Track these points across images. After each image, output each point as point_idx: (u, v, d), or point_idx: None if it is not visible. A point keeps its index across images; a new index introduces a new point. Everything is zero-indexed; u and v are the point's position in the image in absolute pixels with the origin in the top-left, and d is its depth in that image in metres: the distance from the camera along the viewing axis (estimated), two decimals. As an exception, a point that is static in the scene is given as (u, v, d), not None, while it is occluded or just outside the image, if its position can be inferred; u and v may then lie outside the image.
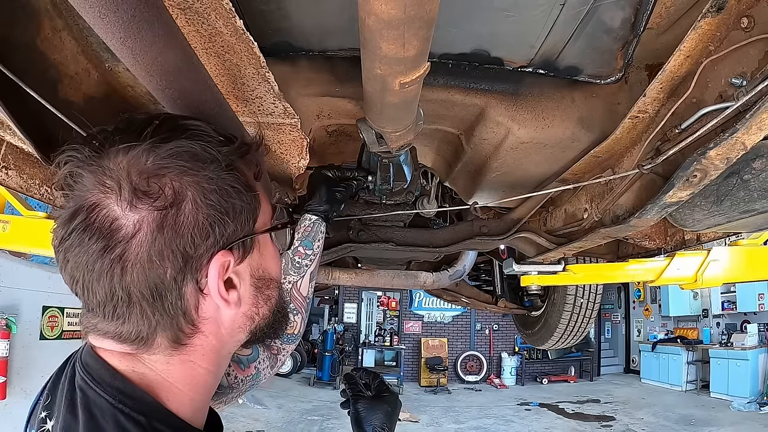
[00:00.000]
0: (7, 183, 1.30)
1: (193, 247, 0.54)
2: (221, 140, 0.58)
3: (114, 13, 0.54)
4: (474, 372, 13.46)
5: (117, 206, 0.52)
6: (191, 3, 0.74)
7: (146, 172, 0.52)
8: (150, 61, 0.63)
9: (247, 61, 0.87)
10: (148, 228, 0.52)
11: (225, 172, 0.56)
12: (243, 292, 0.61)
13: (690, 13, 0.95)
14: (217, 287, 0.56)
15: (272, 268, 0.66)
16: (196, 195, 0.54)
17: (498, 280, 3.65)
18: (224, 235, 0.56)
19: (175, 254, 0.53)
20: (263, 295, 0.65)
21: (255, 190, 0.61)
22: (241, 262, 0.60)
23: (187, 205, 0.54)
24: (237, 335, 0.64)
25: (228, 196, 0.56)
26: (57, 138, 0.81)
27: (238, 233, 0.58)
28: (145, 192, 0.52)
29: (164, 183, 0.53)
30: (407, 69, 0.72)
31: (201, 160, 0.55)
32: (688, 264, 1.85)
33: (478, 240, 1.98)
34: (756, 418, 8.65)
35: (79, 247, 0.52)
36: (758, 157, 0.99)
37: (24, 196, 1.72)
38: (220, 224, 0.55)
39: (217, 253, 0.56)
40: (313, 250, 1.25)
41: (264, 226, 0.63)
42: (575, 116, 1.18)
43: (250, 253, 0.61)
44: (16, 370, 4.67)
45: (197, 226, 0.54)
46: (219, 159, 0.56)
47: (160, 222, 0.52)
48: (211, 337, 0.59)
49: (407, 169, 1.47)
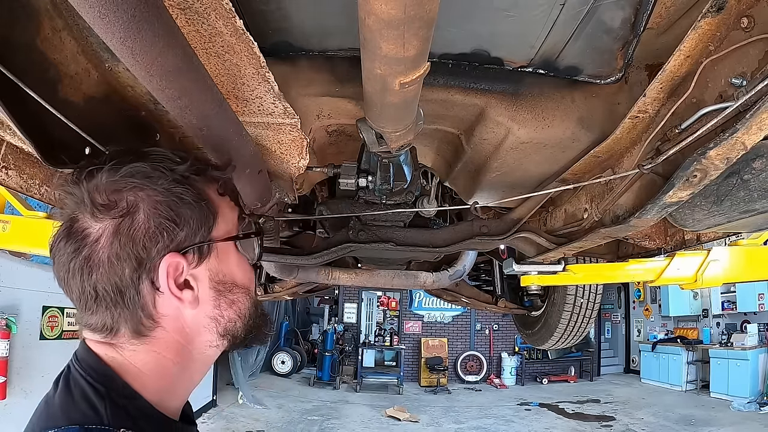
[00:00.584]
0: (7, 183, 1.30)
1: (146, 251, 0.64)
2: (177, 160, 0.68)
3: (114, 13, 0.54)
4: (474, 372, 13.46)
5: (86, 218, 0.63)
6: (191, 3, 0.74)
7: (105, 190, 0.64)
8: (150, 61, 0.63)
9: (247, 61, 0.87)
10: (107, 234, 0.63)
11: (175, 185, 0.66)
12: (202, 294, 0.69)
13: (690, 13, 0.95)
14: (167, 285, 0.65)
15: (236, 275, 0.74)
16: (147, 206, 0.64)
17: (498, 280, 3.65)
18: (174, 240, 0.66)
19: (130, 256, 0.63)
20: (226, 298, 0.72)
21: (209, 201, 0.70)
22: (197, 266, 0.69)
23: (139, 215, 0.64)
24: (203, 335, 0.71)
25: (176, 207, 0.66)
26: (57, 138, 0.81)
27: (191, 240, 0.67)
28: (104, 205, 0.63)
29: (121, 197, 0.64)
30: (407, 69, 0.72)
31: (153, 177, 0.65)
32: (688, 264, 1.86)
33: (478, 240, 1.98)
34: (756, 418, 8.65)
35: (60, 250, 0.64)
36: (758, 157, 0.99)
37: (24, 196, 1.72)
38: (168, 231, 0.65)
39: (166, 255, 0.65)
40: None
41: (225, 236, 0.72)
42: (575, 116, 1.18)
43: (207, 258, 0.70)
44: (16, 370, 4.67)
45: (148, 233, 0.64)
46: (170, 176, 0.66)
47: (116, 229, 0.63)
48: (173, 332, 0.68)
49: (407, 169, 1.47)
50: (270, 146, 1.18)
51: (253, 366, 10.97)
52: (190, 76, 0.72)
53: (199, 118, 0.82)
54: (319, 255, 2.05)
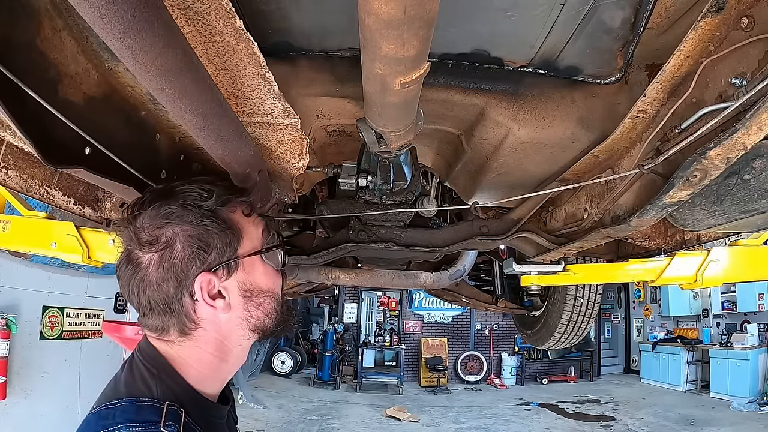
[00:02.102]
0: (7, 183, 1.30)
1: (184, 273, 0.82)
2: (204, 196, 0.85)
3: (114, 13, 0.54)
4: (474, 372, 13.46)
5: (138, 250, 0.83)
6: (191, 3, 0.74)
7: (147, 228, 0.83)
8: (150, 61, 0.63)
9: (247, 61, 0.87)
10: (154, 262, 0.82)
11: (203, 220, 0.83)
12: (233, 301, 0.87)
13: (690, 13, 0.95)
14: (202, 297, 0.83)
15: (261, 282, 0.90)
16: (182, 239, 0.82)
17: (498, 280, 3.65)
18: (205, 262, 0.83)
19: (172, 278, 0.82)
20: (253, 302, 0.89)
21: (233, 225, 0.87)
22: (227, 278, 0.86)
23: (176, 246, 0.82)
24: (237, 331, 0.89)
25: (205, 237, 0.83)
26: (57, 138, 0.81)
27: (219, 259, 0.84)
28: (148, 241, 0.82)
29: (161, 233, 0.82)
30: (407, 69, 0.72)
31: (184, 215, 0.83)
32: (688, 264, 1.85)
33: (478, 240, 1.98)
34: (756, 418, 8.65)
35: (123, 273, 0.85)
36: (758, 157, 0.99)
37: (24, 196, 1.72)
38: (200, 257, 0.83)
39: (199, 275, 0.83)
40: None
41: (250, 251, 0.89)
42: (575, 116, 1.17)
43: (235, 272, 0.87)
44: (16, 370, 4.67)
45: (184, 259, 0.82)
46: (198, 212, 0.83)
47: (160, 258, 0.82)
48: (212, 332, 0.86)
49: (407, 169, 1.47)
50: (270, 146, 1.18)
51: (253, 366, 10.97)
52: (190, 76, 0.72)
53: (199, 118, 0.82)
54: (319, 255, 2.05)
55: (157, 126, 1.16)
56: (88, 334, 5.76)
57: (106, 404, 0.76)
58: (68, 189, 1.55)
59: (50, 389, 5.01)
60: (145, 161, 1.08)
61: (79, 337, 5.64)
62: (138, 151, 1.07)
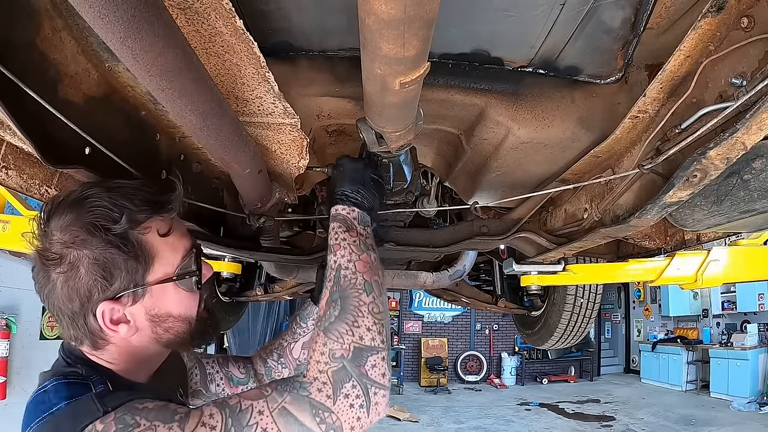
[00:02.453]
0: (7, 183, 1.30)
1: (87, 296, 0.81)
2: (115, 216, 0.81)
3: (114, 13, 0.54)
4: (474, 372, 13.46)
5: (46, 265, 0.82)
6: (191, 3, 0.74)
7: (55, 244, 0.81)
8: (150, 61, 0.63)
9: (247, 61, 0.87)
10: (60, 281, 0.81)
11: (109, 247, 0.80)
12: (139, 324, 0.86)
13: (690, 13, 0.95)
14: (103, 323, 0.83)
15: (172, 308, 0.89)
16: (85, 264, 0.80)
17: (498, 280, 3.65)
18: (107, 290, 0.81)
19: (75, 299, 0.81)
20: (162, 326, 0.88)
21: (144, 249, 0.84)
22: (133, 304, 0.85)
23: (80, 270, 0.80)
24: (150, 347, 0.90)
25: (108, 265, 0.81)
26: (57, 138, 0.81)
27: (124, 287, 0.82)
28: (54, 260, 0.80)
29: (66, 253, 0.80)
30: (407, 69, 0.72)
31: (90, 239, 0.80)
32: (688, 264, 1.86)
33: (478, 240, 1.98)
34: (756, 418, 8.65)
35: (36, 278, 0.84)
36: (758, 157, 0.99)
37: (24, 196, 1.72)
38: (102, 285, 0.81)
39: (101, 302, 0.82)
40: (308, 326, 1.43)
41: (161, 278, 0.86)
42: (575, 116, 1.17)
43: (141, 298, 0.85)
44: (16, 370, 4.67)
45: (87, 285, 0.80)
46: (105, 237, 0.80)
47: (66, 279, 0.81)
48: (122, 347, 0.87)
49: (407, 169, 1.46)
50: (270, 146, 1.18)
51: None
52: (190, 76, 0.72)
53: (199, 118, 0.82)
54: (319, 255, 2.05)
55: (157, 126, 1.16)
56: (88, 334, 5.76)
57: (39, 390, 0.81)
58: (68, 189, 1.55)
59: (50, 389, 5.00)
60: (145, 161, 1.08)
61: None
62: (138, 151, 1.07)
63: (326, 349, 0.80)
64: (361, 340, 0.81)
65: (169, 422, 0.72)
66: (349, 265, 0.91)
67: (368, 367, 0.80)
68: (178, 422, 0.72)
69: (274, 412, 0.75)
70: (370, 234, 1.02)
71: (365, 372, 0.79)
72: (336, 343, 0.81)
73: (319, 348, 0.81)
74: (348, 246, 0.94)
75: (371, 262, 0.94)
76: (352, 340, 0.81)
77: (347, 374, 0.78)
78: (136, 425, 0.71)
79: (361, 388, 0.78)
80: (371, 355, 0.81)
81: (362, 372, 0.79)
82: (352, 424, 0.77)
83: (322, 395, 0.77)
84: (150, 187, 0.88)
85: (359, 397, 0.78)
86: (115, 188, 0.84)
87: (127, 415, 0.72)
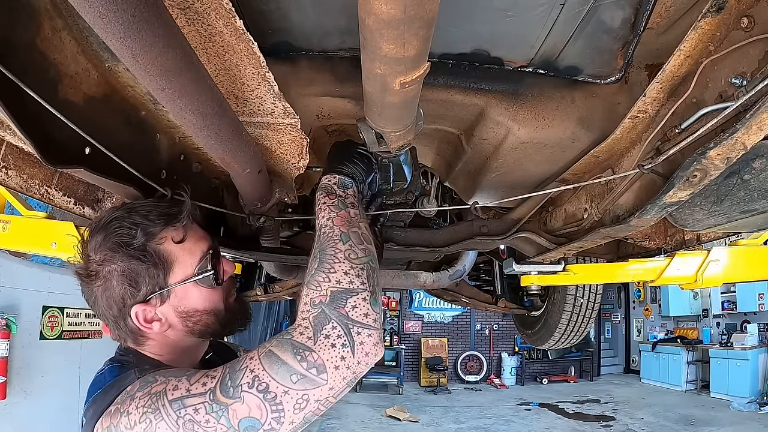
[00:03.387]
0: (7, 183, 1.30)
1: (122, 302, 0.96)
2: (132, 233, 0.94)
3: (114, 13, 0.54)
4: (474, 372, 13.46)
5: (88, 282, 0.98)
6: (191, 3, 0.74)
7: (92, 263, 0.97)
8: (150, 61, 0.63)
9: (247, 61, 0.87)
10: (99, 292, 0.97)
11: (130, 260, 0.94)
12: (171, 321, 1.00)
13: (690, 13, 0.95)
14: (138, 324, 0.97)
15: (197, 304, 1.01)
16: (115, 277, 0.95)
17: (498, 280, 3.65)
18: (137, 296, 0.96)
19: (113, 306, 0.97)
20: (191, 320, 1.01)
21: (162, 257, 0.97)
22: (162, 304, 0.98)
23: (112, 282, 0.95)
24: (185, 339, 1.04)
25: (133, 275, 0.95)
26: (57, 138, 0.81)
27: (151, 291, 0.96)
28: (90, 276, 0.97)
29: (99, 269, 0.96)
30: (407, 69, 0.72)
31: (114, 256, 0.95)
32: (688, 264, 1.85)
33: (478, 240, 1.97)
34: (756, 418, 8.65)
35: (83, 290, 1.01)
36: (758, 157, 0.99)
37: (24, 196, 1.72)
38: (131, 292, 0.95)
39: (134, 306, 0.96)
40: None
41: (182, 279, 0.99)
42: (575, 116, 1.17)
43: (168, 298, 0.98)
44: (16, 370, 4.66)
45: (120, 293, 0.96)
46: (126, 251, 0.94)
47: (103, 290, 0.96)
48: (161, 341, 1.01)
49: (407, 169, 1.47)
50: (270, 146, 1.18)
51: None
52: (190, 76, 0.72)
53: (199, 118, 0.82)
54: (319, 255, 2.04)
55: (157, 126, 1.16)
56: (88, 334, 5.75)
57: (98, 373, 0.97)
58: (68, 189, 1.55)
59: (50, 389, 5.00)
60: (145, 161, 1.08)
61: (79, 337, 5.63)
62: (138, 151, 1.07)
63: (308, 299, 0.85)
64: (339, 284, 0.86)
65: (179, 376, 0.85)
66: (327, 222, 0.98)
67: (348, 308, 0.83)
68: (187, 376, 0.84)
69: (261, 355, 0.82)
70: (349, 194, 1.08)
71: (345, 313, 0.83)
72: (315, 291, 0.86)
73: (302, 299, 0.87)
74: (327, 207, 1.02)
75: (349, 216, 0.99)
76: (329, 285, 0.85)
77: (326, 317, 0.82)
78: (154, 381, 0.85)
79: (342, 328, 0.81)
80: (350, 296, 0.85)
81: (341, 313, 0.83)
82: (336, 363, 0.79)
83: (303, 337, 0.81)
84: (163, 202, 1.03)
85: (340, 336, 0.81)
86: (134, 208, 0.98)
87: (149, 376, 0.88)
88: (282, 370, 0.79)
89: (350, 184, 1.12)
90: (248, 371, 0.80)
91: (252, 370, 0.80)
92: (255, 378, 0.79)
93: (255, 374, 0.79)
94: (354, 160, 1.17)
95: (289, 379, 0.78)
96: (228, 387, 0.79)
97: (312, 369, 0.79)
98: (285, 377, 0.79)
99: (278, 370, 0.79)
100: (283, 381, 0.78)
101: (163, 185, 1.10)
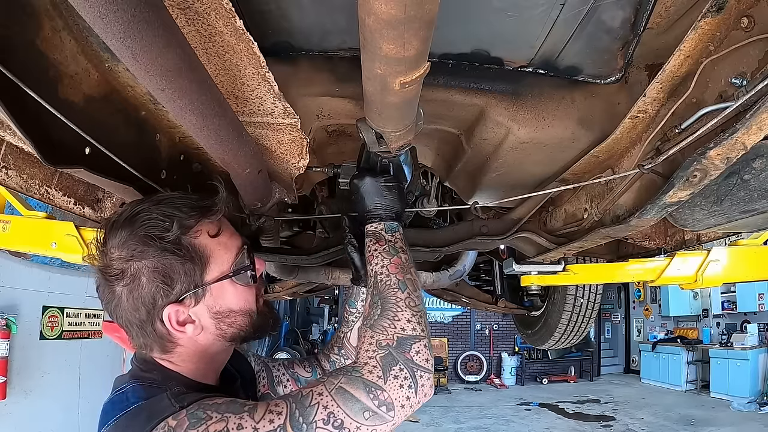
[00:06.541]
0: (7, 183, 1.30)
1: (152, 304, 0.87)
2: (166, 225, 0.86)
3: (114, 13, 0.54)
4: (474, 372, 13.46)
5: (111, 281, 0.88)
6: (191, 3, 0.74)
7: (115, 261, 0.87)
8: (150, 61, 0.63)
9: (247, 61, 0.87)
10: (125, 293, 0.87)
11: (165, 254, 0.86)
12: (204, 323, 0.92)
13: (690, 13, 0.95)
14: (171, 326, 0.88)
15: (232, 303, 0.94)
16: (146, 274, 0.86)
17: (498, 280, 3.65)
18: (170, 295, 0.87)
19: (141, 308, 0.87)
20: (224, 322, 0.94)
21: (198, 251, 0.89)
22: (195, 305, 0.90)
23: (142, 280, 0.86)
24: (215, 344, 0.96)
25: (167, 271, 0.86)
26: (57, 138, 0.81)
27: (185, 289, 0.88)
28: (116, 275, 0.87)
29: (127, 267, 0.86)
30: (407, 69, 0.72)
31: (146, 249, 0.85)
32: (688, 264, 1.85)
33: (478, 240, 1.97)
34: (756, 418, 8.65)
35: (101, 295, 0.91)
36: (758, 157, 0.99)
37: (24, 196, 1.72)
38: (164, 290, 0.86)
39: (166, 306, 0.87)
40: (358, 309, 1.43)
41: (218, 276, 0.92)
42: (575, 116, 1.17)
43: (202, 298, 0.91)
44: (16, 370, 4.67)
45: (150, 293, 0.86)
46: (160, 245, 0.85)
47: (129, 291, 0.87)
48: (190, 348, 0.93)
49: (407, 169, 1.46)
50: (270, 146, 1.18)
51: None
52: (189, 76, 0.72)
53: (199, 118, 0.82)
54: (319, 255, 2.05)
55: (157, 126, 1.16)
56: (88, 334, 5.76)
57: (117, 392, 0.87)
58: (68, 189, 1.55)
59: (50, 389, 5.01)
60: (145, 161, 1.08)
61: (79, 337, 5.64)
62: (138, 151, 1.07)
63: (373, 341, 0.89)
64: (403, 331, 0.90)
65: (239, 412, 0.78)
66: (383, 270, 1.01)
67: (413, 353, 0.88)
68: (248, 412, 0.79)
69: (332, 391, 0.82)
70: (398, 238, 1.10)
71: (410, 357, 0.88)
72: (381, 335, 0.90)
73: (367, 340, 0.90)
74: (379, 254, 1.04)
75: (402, 263, 1.03)
76: (395, 331, 0.90)
77: (394, 359, 0.87)
78: (208, 418, 0.77)
79: (408, 371, 0.86)
80: (414, 342, 0.89)
81: (407, 357, 0.87)
82: (402, 402, 0.84)
83: (373, 376, 0.84)
84: (194, 194, 0.96)
85: (407, 378, 0.85)
86: (163, 200, 0.90)
87: (198, 410, 0.78)
88: (356, 407, 0.81)
89: (396, 227, 1.12)
90: (321, 407, 0.80)
91: (325, 406, 0.80)
92: (330, 414, 0.80)
93: (330, 411, 0.80)
94: (390, 198, 1.15)
95: (362, 415, 0.81)
96: (300, 424, 0.78)
97: (382, 407, 0.82)
98: (359, 414, 0.81)
99: (352, 407, 0.81)
100: (357, 417, 0.81)
101: (163, 185, 1.10)
